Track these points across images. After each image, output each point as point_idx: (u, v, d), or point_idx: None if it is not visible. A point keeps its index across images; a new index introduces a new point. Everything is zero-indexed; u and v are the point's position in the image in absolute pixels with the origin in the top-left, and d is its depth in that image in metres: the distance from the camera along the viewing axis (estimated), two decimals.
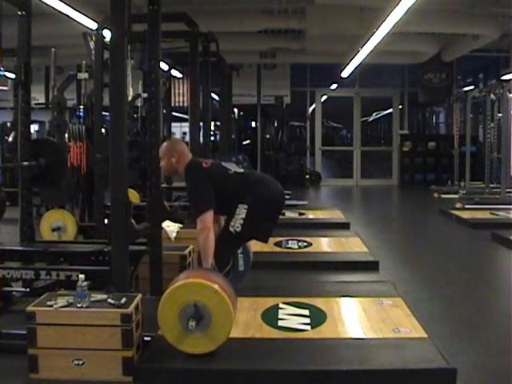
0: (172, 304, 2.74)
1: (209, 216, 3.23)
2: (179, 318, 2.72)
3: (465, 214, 7.64)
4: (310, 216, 7.74)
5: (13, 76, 3.84)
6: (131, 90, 6.12)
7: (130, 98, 6.03)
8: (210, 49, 6.36)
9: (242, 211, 3.37)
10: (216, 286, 2.75)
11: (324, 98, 13.80)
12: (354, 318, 3.45)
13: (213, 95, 10.83)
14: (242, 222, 3.36)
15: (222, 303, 2.73)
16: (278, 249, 5.54)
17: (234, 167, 3.59)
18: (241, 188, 3.45)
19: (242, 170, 3.61)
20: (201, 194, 3.33)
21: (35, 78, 4.29)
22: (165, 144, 3.57)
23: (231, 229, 3.39)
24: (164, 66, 7.56)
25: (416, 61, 11.84)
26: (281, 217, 7.94)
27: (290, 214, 7.70)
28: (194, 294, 2.74)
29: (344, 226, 6.94)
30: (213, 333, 2.72)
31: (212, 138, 11.62)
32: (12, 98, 7.47)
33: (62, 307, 2.70)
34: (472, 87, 12.63)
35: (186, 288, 2.77)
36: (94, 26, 6.49)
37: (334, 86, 13.48)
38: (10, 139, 7.49)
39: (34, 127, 11.63)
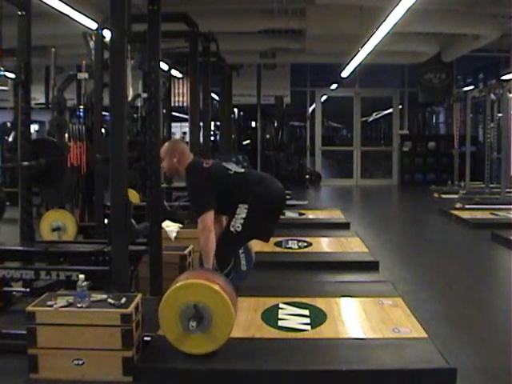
0: (172, 305, 2.74)
1: (209, 216, 3.23)
2: (180, 319, 2.73)
3: (465, 214, 7.64)
4: (310, 216, 7.74)
5: (13, 76, 3.84)
6: (131, 90, 6.11)
7: (130, 98, 6.02)
8: (209, 49, 6.35)
9: (242, 211, 3.37)
10: (216, 287, 2.75)
11: (324, 97, 13.80)
12: (353, 318, 3.45)
13: (213, 95, 10.83)
14: (242, 221, 3.36)
15: (223, 303, 2.73)
16: (278, 249, 5.54)
17: (234, 167, 3.59)
18: (241, 188, 3.44)
19: (242, 170, 3.61)
20: (201, 195, 3.33)
21: (35, 78, 4.29)
22: (166, 144, 3.57)
23: (232, 229, 3.39)
24: (164, 66, 7.56)
25: (416, 61, 11.83)
26: (281, 217, 7.97)
27: (289, 214, 7.70)
28: (195, 295, 2.74)
29: (344, 226, 6.95)
30: (214, 333, 2.72)
31: (212, 138, 11.62)
32: (12, 97, 7.47)
33: (62, 307, 2.70)
34: (472, 87, 12.63)
35: (186, 289, 2.77)
36: (94, 26, 6.49)
37: (333, 86, 13.49)
38: (10, 139, 7.48)
39: (33, 127, 11.63)
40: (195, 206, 3.44)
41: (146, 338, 2.88)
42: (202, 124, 6.65)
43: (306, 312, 3.43)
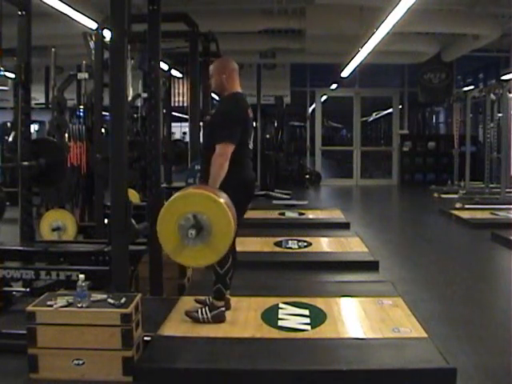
0: (171, 215, 2.72)
1: (230, 148, 3.09)
2: (178, 229, 2.70)
3: (465, 214, 7.64)
4: (310, 216, 7.74)
5: (13, 76, 3.84)
6: (131, 90, 6.12)
7: (130, 98, 6.02)
8: (209, 49, 6.36)
9: None
10: (215, 197, 2.72)
11: (324, 97, 13.80)
12: (353, 317, 3.45)
13: (213, 95, 10.82)
14: None
15: (222, 213, 2.70)
16: (278, 249, 5.54)
17: (251, 138, 3.41)
18: (237, 160, 3.22)
19: (251, 148, 3.42)
20: (232, 125, 3.16)
21: (35, 78, 4.30)
22: (217, 61, 3.47)
23: None
24: (164, 66, 7.56)
25: (416, 61, 11.83)
26: (281, 217, 7.98)
27: (289, 214, 7.71)
28: (194, 205, 2.71)
29: (344, 225, 6.94)
30: (214, 243, 2.70)
31: None
32: (12, 97, 7.47)
33: (61, 307, 2.70)
34: (472, 87, 12.63)
35: (185, 199, 2.74)
36: (94, 26, 6.49)
37: (333, 86, 13.48)
38: (10, 139, 7.49)
39: (33, 127, 11.63)
40: (221, 130, 3.15)
41: (145, 338, 2.88)
42: (201, 124, 6.65)
43: (306, 312, 3.43)
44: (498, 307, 3.98)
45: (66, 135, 5.62)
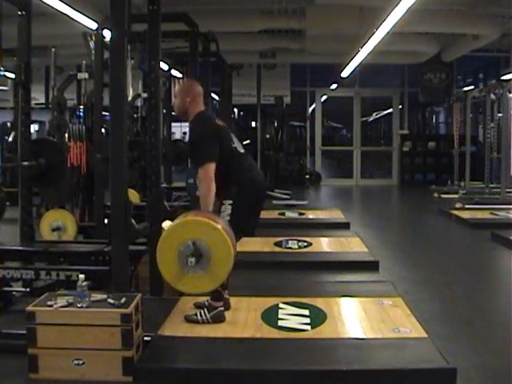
0: (171, 242, 2.73)
1: (211, 167, 3.11)
2: (178, 257, 2.71)
3: (465, 214, 7.64)
4: (310, 216, 7.74)
5: (13, 76, 3.84)
6: (131, 90, 6.11)
7: (130, 98, 6.02)
8: (209, 49, 6.36)
9: (227, 207, 3.24)
10: (215, 224, 2.73)
11: (324, 97, 13.80)
12: (353, 318, 3.45)
13: (213, 95, 10.83)
14: (228, 218, 3.22)
15: (222, 241, 2.72)
16: (278, 249, 5.54)
17: (237, 144, 3.44)
18: (233, 168, 3.30)
19: (241, 151, 3.44)
20: (206, 144, 3.19)
21: (35, 78, 4.29)
22: (183, 82, 3.50)
23: None
24: (164, 66, 7.56)
25: (416, 61, 11.83)
26: (281, 217, 7.98)
27: (289, 214, 7.71)
28: (193, 232, 2.72)
29: (344, 225, 6.94)
30: (213, 270, 2.71)
31: None
32: (12, 97, 7.47)
33: (62, 307, 2.70)
34: (472, 87, 12.63)
35: (184, 226, 2.75)
36: (94, 26, 6.49)
37: (333, 86, 13.48)
38: (10, 139, 7.49)
39: (34, 127, 11.64)
40: (197, 154, 3.21)
41: (145, 338, 2.88)
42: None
43: (306, 312, 3.43)
44: (498, 307, 3.98)
45: (66, 135, 5.62)
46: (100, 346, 2.65)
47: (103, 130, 5.43)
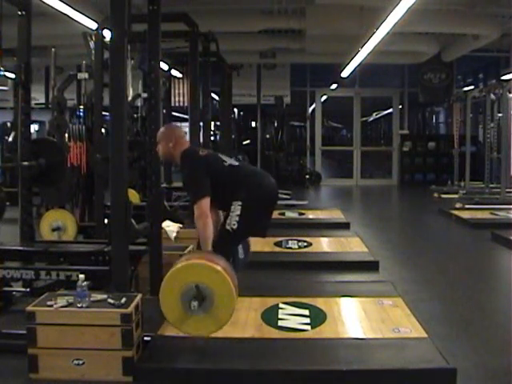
0: (174, 285, 2.73)
1: (205, 203, 3.16)
2: (181, 300, 2.72)
3: (465, 214, 7.64)
4: (310, 216, 7.74)
5: (13, 76, 3.84)
6: (131, 90, 6.11)
7: (130, 98, 6.02)
8: (209, 49, 6.35)
9: (236, 208, 3.29)
10: (217, 267, 2.74)
11: (324, 97, 13.80)
12: (353, 318, 3.45)
13: (213, 95, 10.83)
14: (237, 218, 3.27)
15: (224, 284, 2.72)
16: (278, 249, 5.54)
17: (229, 160, 3.52)
18: (235, 181, 3.37)
19: (236, 163, 3.52)
20: (197, 181, 3.26)
21: (35, 78, 4.29)
22: (162, 129, 3.52)
23: (228, 227, 3.35)
24: (164, 66, 7.56)
25: (416, 61, 11.83)
26: (281, 217, 7.97)
27: (289, 214, 7.71)
28: (196, 276, 2.73)
29: (344, 225, 6.95)
30: (216, 313, 2.72)
31: (212, 138, 11.61)
32: (12, 97, 7.46)
33: (62, 307, 2.70)
34: (472, 87, 12.63)
35: (187, 269, 2.76)
36: (94, 26, 6.49)
37: (333, 86, 13.48)
38: (10, 139, 7.49)
39: (34, 127, 11.63)
40: (190, 192, 3.39)
41: (145, 338, 2.88)
42: (201, 124, 6.64)
43: (306, 312, 3.43)
44: (498, 307, 3.97)
45: (66, 135, 5.62)
46: (100, 346, 2.65)
47: (103, 130, 5.42)
